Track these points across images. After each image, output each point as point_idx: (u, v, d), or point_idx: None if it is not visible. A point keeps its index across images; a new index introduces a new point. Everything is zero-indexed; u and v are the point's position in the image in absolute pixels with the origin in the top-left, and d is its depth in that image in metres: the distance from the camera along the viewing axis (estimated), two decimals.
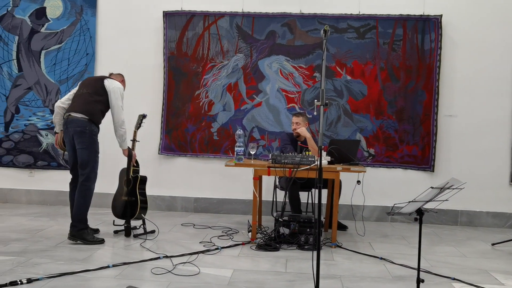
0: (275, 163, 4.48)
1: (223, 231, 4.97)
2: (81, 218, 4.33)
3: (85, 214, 4.36)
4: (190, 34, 5.94)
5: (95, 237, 4.37)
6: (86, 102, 4.42)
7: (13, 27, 6.12)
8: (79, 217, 4.32)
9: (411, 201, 2.88)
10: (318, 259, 3.03)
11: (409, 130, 5.78)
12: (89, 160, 4.34)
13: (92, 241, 4.29)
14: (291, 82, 5.89)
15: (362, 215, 5.59)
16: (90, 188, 4.38)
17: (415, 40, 5.73)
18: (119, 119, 4.43)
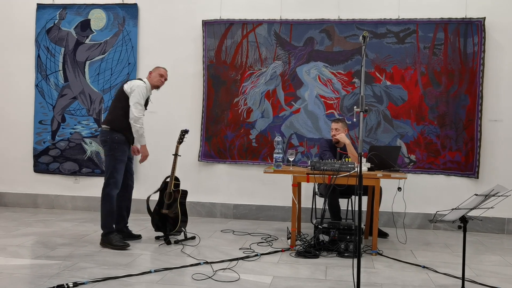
0: (314, 170, 4.47)
1: (263, 238, 4.98)
2: (103, 223, 4.50)
3: (106, 219, 4.49)
4: (229, 42, 6.01)
5: (121, 241, 4.45)
6: (109, 112, 4.68)
7: (60, 39, 6.35)
8: (102, 223, 4.51)
9: (455, 209, 2.82)
10: (358, 267, 3.01)
11: (452, 135, 5.65)
12: (109, 166, 4.51)
13: (116, 245, 4.40)
14: (329, 88, 5.86)
15: (403, 222, 5.49)
16: (109, 194, 4.49)
17: (457, 44, 5.61)
18: (133, 115, 4.50)
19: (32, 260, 4.00)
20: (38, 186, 6.44)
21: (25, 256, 4.10)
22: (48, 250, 4.30)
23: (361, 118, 3.02)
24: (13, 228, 5.16)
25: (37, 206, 6.44)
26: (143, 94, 4.58)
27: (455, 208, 2.83)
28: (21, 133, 6.43)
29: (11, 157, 6.46)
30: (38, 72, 6.39)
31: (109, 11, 6.25)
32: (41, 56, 6.38)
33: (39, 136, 6.39)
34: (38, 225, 5.39)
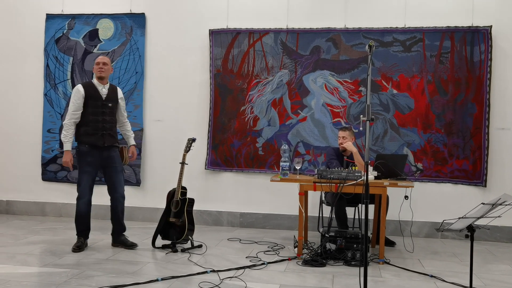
0: (321, 178, 4.47)
1: (269, 246, 4.98)
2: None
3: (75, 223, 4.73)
4: (236, 51, 6.05)
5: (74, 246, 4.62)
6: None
7: (68, 49, 6.42)
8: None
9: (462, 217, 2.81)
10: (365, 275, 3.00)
11: (459, 144, 5.63)
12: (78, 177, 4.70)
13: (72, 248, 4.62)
14: (336, 96, 5.88)
15: (410, 231, 5.47)
16: (77, 202, 4.70)
17: (463, 52, 5.61)
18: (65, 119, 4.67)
19: (40, 268, 4.02)
20: (46, 194, 6.48)
21: (33, 264, 4.13)
22: (56, 258, 4.32)
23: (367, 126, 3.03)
24: (22, 236, 5.20)
25: (45, 214, 6.48)
26: (74, 99, 4.58)
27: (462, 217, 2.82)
28: (29, 142, 6.49)
29: (20, 165, 6.51)
30: (46, 81, 6.45)
31: (117, 20, 6.32)
32: (50, 66, 6.44)
33: (47, 144, 6.44)
34: (46, 233, 5.42)
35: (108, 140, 4.66)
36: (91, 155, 4.62)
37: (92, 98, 4.61)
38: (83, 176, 4.64)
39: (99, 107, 4.62)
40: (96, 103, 4.62)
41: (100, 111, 4.62)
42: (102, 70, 4.65)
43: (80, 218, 4.70)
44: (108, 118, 4.66)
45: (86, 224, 4.74)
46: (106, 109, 4.65)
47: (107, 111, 4.66)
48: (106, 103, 4.66)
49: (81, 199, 4.66)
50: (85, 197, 4.66)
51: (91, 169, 4.65)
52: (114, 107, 4.74)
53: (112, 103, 4.70)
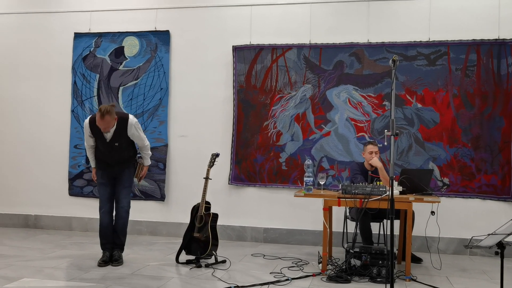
0: (345, 193, 4.44)
1: (293, 262, 4.94)
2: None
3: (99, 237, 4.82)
4: (259, 67, 6.09)
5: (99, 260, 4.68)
6: None
7: (95, 66, 6.56)
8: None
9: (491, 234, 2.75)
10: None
11: (487, 158, 5.53)
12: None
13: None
14: (360, 111, 5.85)
15: (437, 247, 5.36)
16: (99, 214, 4.81)
17: (490, 65, 5.53)
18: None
19: (67, 282, 4.07)
20: (72, 209, 6.58)
21: (60, 278, 4.18)
22: (82, 272, 4.37)
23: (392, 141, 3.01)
24: (49, 250, 5.28)
25: (71, 228, 6.57)
26: (84, 132, 4.75)
27: (491, 234, 2.76)
28: (57, 158, 6.62)
29: (48, 181, 6.64)
30: (74, 98, 6.59)
31: (142, 38, 6.43)
32: (77, 83, 6.58)
33: (74, 160, 6.55)
34: (72, 247, 5.50)
35: (118, 165, 4.76)
36: (104, 167, 4.76)
37: (98, 137, 4.66)
38: (99, 187, 4.81)
39: (105, 145, 4.68)
40: (102, 142, 4.68)
41: (107, 149, 4.69)
42: (105, 129, 4.52)
43: (102, 230, 4.76)
44: (116, 154, 4.69)
45: (109, 237, 4.77)
46: (112, 148, 4.67)
47: (114, 149, 4.68)
48: (112, 143, 4.65)
49: (101, 209, 4.77)
50: (104, 207, 4.75)
51: (105, 180, 4.77)
52: (122, 144, 4.67)
53: (119, 142, 4.65)
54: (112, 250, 4.76)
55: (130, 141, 4.75)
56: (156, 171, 6.31)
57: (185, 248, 4.83)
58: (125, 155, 4.78)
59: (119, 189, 4.78)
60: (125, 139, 4.68)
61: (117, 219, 4.79)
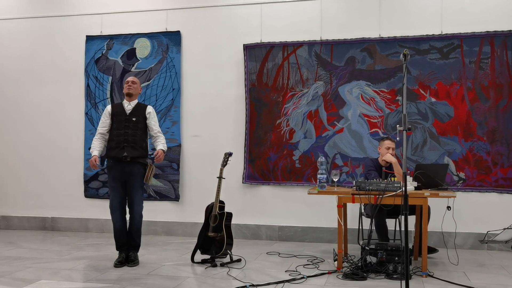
0: (360, 190, 4.41)
1: (309, 260, 4.92)
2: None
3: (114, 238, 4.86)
4: (270, 65, 6.08)
5: (116, 261, 4.72)
6: None
7: (107, 68, 6.61)
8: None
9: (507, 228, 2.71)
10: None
11: (503, 151, 5.45)
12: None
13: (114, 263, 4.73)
14: (373, 107, 5.81)
15: (454, 242, 5.30)
16: (111, 217, 4.83)
17: (504, 57, 5.45)
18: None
19: (84, 283, 4.10)
20: (88, 210, 6.65)
21: (77, 280, 4.22)
22: (98, 273, 4.41)
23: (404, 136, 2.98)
24: (66, 252, 5.33)
25: (88, 230, 6.63)
26: (102, 115, 4.90)
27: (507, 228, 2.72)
28: (72, 160, 6.68)
29: (63, 183, 6.71)
30: (87, 100, 6.65)
31: (153, 39, 6.47)
32: (90, 85, 6.64)
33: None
34: (89, 249, 5.55)
35: (130, 152, 4.70)
36: (114, 169, 4.77)
37: (117, 115, 4.82)
38: (110, 191, 4.83)
39: (122, 121, 4.78)
40: (120, 118, 4.79)
41: (123, 125, 4.77)
42: (130, 87, 4.85)
43: (116, 233, 4.80)
44: (130, 132, 4.75)
45: (123, 239, 4.80)
46: (129, 123, 4.77)
47: (130, 125, 4.76)
48: (130, 118, 4.78)
49: (112, 214, 4.80)
50: (116, 212, 4.77)
51: (116, 184, 4.76)
52: (139, 122, 4.81)
53: (136, 117, 4.80)
54: (128, 251, 4.79)
55: (145, 126, 4.86)
56: (170, 172, 6.34)
57: (200, 247, 4.85)
58: (138, 142, 4.75)
59: (131, 195, 4.77)
60: (142, 117, 4.84)
61: (132, 224, 4.82)
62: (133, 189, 4.76)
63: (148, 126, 4.88)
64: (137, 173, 4.76)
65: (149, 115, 4.88)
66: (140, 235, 4.86)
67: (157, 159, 4.79)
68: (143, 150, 4.82)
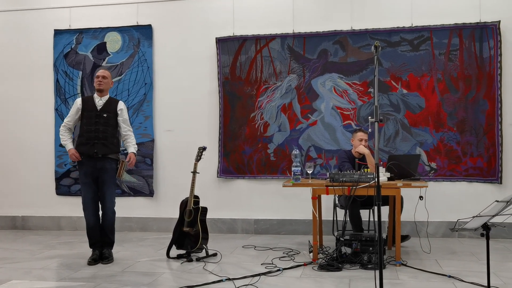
0: (333, 182, 4.44)
1: (284, 252, 4.95)
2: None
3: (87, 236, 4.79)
4: (243, 58, 6.06)
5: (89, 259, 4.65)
6: None
7: (77, 63, 6.48)
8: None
9: (476, 216, 2.77)
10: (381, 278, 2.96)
11: (472, 141, 5.57)
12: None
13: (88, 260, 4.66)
14: (345, 99, 5.85)
15: (427, 231, 5.40)
16: (84, 214, 4.77)
17: (472, 49, 5.55)
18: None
19: (57, 282, 4.04)
20: (61, 208, 6.53)
21: (50, 279, 4.15)
22: (72, 272, 4.34)
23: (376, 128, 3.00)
24: (38, 251, 5.23)
25: (60, 228, 6.52)
26: (71, 109, 4.84)
27: (476, 216, 2.78)
28: (42, 157, 6.55)
29: (34, 181, 6.57)
30: (57, 96, 6.52)
31: (124, 33, 6.37)
32: (60, 81, 6.51)
33: (60, 159, 6.49)
34: (62, 247, 5.46)
35: (100, 149, 4.64)
36: (86, 166, 4.68)
37: (87, 110, 4.73)
38: (82, 188, 4.74)
39: (92, 117, 4.69)
40: (90, 114, 4.71)
41: (93, 120, 4.68)
42: (101, 83, 4.75)
43: (89, 230, 4.73)
44: (101, 128, 4.67)
45: (96, 236, 4.73)
46: (100, 119, 4.69)
47: (101, 121, 4.69)
48: (101, 113, 4.70)
49: (85, 210, 4.73)
50: (88, 209, 4.70)
51: (88, 180, 4.69)
52: (110, 118, 4.73)
53: (107, 113, 4.72)
54: (102, 248, 4.73)
55: (116, 122, 4.77)
56: (143, 167, 6.28)
57: (175, 242, 4.82)
58: (109, 139, 4.69)
59: (103, 191, 4.71)
60: (113, 114, 4.75)
61: (104, 220, 4.75)
62: (105, 185, 4.69)
63: (118, 124, 4.80)
64: (109, 169, 4.70)
65: (120, 112, 4.80)
66: (114, 232, 4.81)
67: (130, 164, 4.80)
68: (114, 146, 4.75)
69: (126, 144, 4.84)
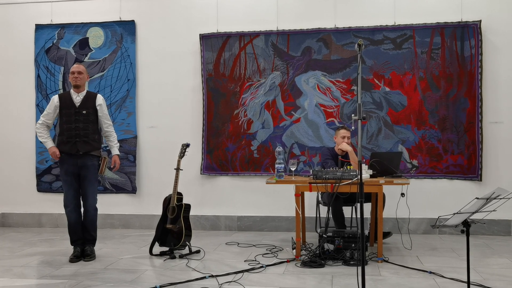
0: (317, 179, 4.46)
1: (268, 249, 4.96)
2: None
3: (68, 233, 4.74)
4: (227, 55, 6.04)
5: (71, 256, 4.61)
6: None
7: (59, 59, 6.39)
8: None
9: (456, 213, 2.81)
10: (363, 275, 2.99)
11: (453, 139, 5.64)
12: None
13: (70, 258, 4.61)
14: (329, 96, 5.88)
15: (408, 228, 5.47)
16: (65, 211, 4.73)
17: (454, 48, 5.62)
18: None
19: (38, 280, 3.99)
20: (42, 205, 6.45)
21: (31, 276, 4.10)
22: (53, 269, 4.30)
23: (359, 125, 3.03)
24: (18, 249, 5.17)
25: (41, 225, 6.44)
26: (48, 106, 4.73)
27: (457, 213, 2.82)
28: (23, 153, 6.46)
29: (14, 178, 6.48)
30: (38, 91, 6.43)
31: (106, 28, 6.30)
32: (41, 76, 6.42)
33: (41, 155, 6.41)
34: (42, 244, 5.39)
35: (82, 147, 4.60)
36: (67, 163, 4.63)
37: (66, 107, 4.64)
38: (64, 185, 4.69)
39: (72, 115, 4.62)
40: (69, 112, 4.63)
41: (73, 118, 4.61)
42: (77, 78, 4.67)
43: (71, 227, 4.69)
44: (81, 126, 4.61)
45: (78, 233, 4.69)
46: (79, 116, 4.62)
47: (81, 119, 4.62)
48: (80, 111, 4.63)
49: (66, 207, 4.68)
50: (70, 206, 4.66)
51: (70, 177, 4.64)
52: (89, 114, 4.66)
53: (87, 110, 4.65)
54: (84, 245, 4.69)
55: (96, 118, 4.71)
56: (126, 164, 6.23)
57: (158, 240, 4.80)
58: (90, 136, 4.64)
59: (85, 188, 4.67)
60: (93, 110, 4.68)
61: (86, 217, 4.71)
62: (87, 182, 4.65)
63: (98, 120, 4.74)
64: (91, 165, 4.66)
65: (100, 107, 4.72)
66: (96, 229, 4.77)
67: (115, 169, 4.84)
68: (96, 143, 4.70)
69: (109, 144, 4.83)
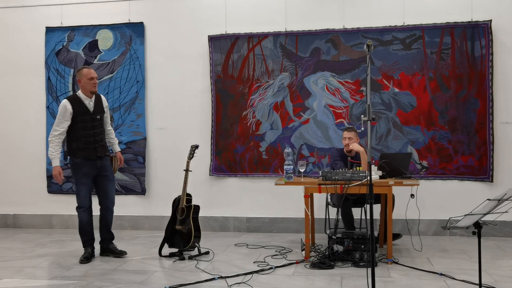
0: (326, 180, 4.45)
1: (277, 250, 4.96)
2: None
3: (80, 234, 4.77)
4: (235, 57, 6.05)
5: (82, 257, 4.64)
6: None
7: (69, 61, 6.44)
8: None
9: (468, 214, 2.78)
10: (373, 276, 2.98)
11: (464, 140, 5.60)
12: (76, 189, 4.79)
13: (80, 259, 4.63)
14: (338, 97, 5.86)
15: (418, 229, 5.43)
16: (77, 213, 4.76)
17: (464, 48, 5.58)
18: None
19: (49, 280, 4.02)
20: (52, 206, 6.49)
21: (41, 277, 4.13)
22: (63, 270, 4.32)
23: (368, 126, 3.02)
24: (29, 250, 5.20)
25: (52, 226, 6.48)
26: (61, 115, 4.56)
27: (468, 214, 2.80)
28: (34, 155, 6.50)
29: (25, 179, 6.53)
30: (48, 93, 6.47)
31: (116, 30, 6.33)
32: (51, 78, 6.46)
33: None
34: (53, 245, 5.43)
35: (101, 151, 4.72)
36: (86, 166, 4.67)
37: (80, 114, 4.60)
38: (81, 187, 4.70)
39: (88, 121, 4.63)
40: (84, 118, 4.62)
41: (90, 125, 4.64)
42: (96, 84, 4.69)
43: (84, 228, 4.74)
44: (98, 131, 4.70)
45: (90, 234, 4.76)
46: (95, 122, 4.68)
47: (97, 124, 4.70)
48: (95, 116, 4.68)
49: (81, 208, 4.71)
50: (85, 206, 4.72)
51: (88, 179, 4.70)
52: (102, 118, 4.78)
53: (100, 115, 4.74)
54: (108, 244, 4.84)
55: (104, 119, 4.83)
56: (135, 165, 6.25)
57: (167, 241, 4.81)
58: (104, 138, 4.81)
59: (105, 186, 4.76)
60: (103, 113, 4.79)
61: (107, 214, 4.81)
62: (107, 181, 4.79)
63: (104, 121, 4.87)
64: (108, 165, 4.81)
65: (106, 109, 4.87)
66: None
67: (120, 165, 4.97)
68: (106, 143, 4.88)
69: (111, 141, 4.98)
